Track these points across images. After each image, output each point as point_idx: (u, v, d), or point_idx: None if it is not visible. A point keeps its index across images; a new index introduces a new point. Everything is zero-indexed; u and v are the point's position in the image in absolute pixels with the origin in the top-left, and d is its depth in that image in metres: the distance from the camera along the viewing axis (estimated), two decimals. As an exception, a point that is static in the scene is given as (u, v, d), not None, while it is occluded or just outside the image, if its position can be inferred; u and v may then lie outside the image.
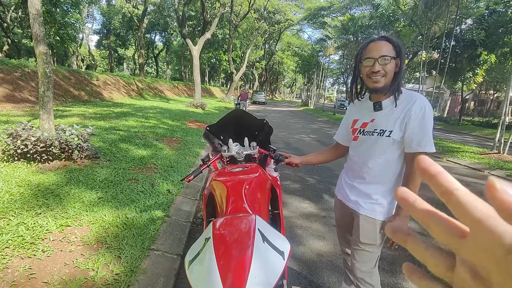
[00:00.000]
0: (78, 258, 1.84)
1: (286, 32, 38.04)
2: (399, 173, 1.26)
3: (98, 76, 13.89)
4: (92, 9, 30.66)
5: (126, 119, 7.07)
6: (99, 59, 41.85)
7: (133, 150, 4.38)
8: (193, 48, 14.35)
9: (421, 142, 1.15)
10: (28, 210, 2.27)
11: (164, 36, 34.13)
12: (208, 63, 37.26)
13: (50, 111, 3.56)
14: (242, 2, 23.04)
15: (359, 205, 1.32)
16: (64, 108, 8.17)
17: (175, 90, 24.63)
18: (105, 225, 2.25)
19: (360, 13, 24.39)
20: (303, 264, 2.26)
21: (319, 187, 4.12)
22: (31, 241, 1.92)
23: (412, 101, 1.18)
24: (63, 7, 16.58)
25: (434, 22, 12.18)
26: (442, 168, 0.21)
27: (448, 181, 0.20)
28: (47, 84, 3.52)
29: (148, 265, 1.89)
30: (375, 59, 1.15)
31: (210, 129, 1.82)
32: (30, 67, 9.52)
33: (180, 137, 5.95)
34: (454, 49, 17.16)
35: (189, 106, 13.63)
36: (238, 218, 1.06)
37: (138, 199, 2.79)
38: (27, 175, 2.91)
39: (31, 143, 3.10)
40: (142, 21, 20.99)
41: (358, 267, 1.36)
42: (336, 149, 1.60)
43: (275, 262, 0.92)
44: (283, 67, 48.76)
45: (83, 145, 3.46)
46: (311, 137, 9.52)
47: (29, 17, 3.46)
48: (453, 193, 0.19)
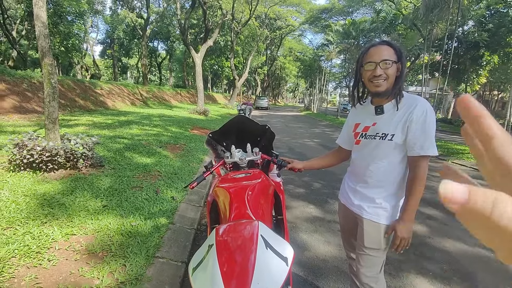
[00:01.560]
0: (84, 267, 1.85)
1: (287, 38, 38.32)
2: (402, 177, 1.26)
3: (102, 85, 14.08)
4: (96, 19, 31.26)
5: (130, 127, 7.13)
6: (103, 69, 42.46)
7: (137, 158, 4.41)
8: (195, 55, 14.50)
9: (424, 146, 1.15)
10: (34, 220, 2.29)
11: (167, 44, 34.59)
12: (210, 69, 37.59)
13: (55, 120, 3.61)
14: (243, 10, 23.31)
15: (362, 209, 1.31)
16: (69, 118, 8.28)
17: (178, 97, 24.84)
18: (110, 233, 2.26)
19: (362, 17, 24.53)
20: (309, 269, 2.24)
21: (324, 192, 4.09)
22: (37, 250, 1.93)
23: (414, 105, 1.18)
24: (67, 18, 16.91)
25: (435, 25, 12.18)
26: (485, 110, 0.20)
27: (489, 127, 0.20)
28: (53, 94, 3.58)
29: (153, 273, 1.89)
30: (376, 63, 1.16)
31: (212, 136, 1.83)
32: (36, 78, 9.68)
33: (184, 144, 5.98)
34: (456, 50, 17.12)
35: (192, 113, 13.72)
36: (241, 225, 1.06)
37: (142, 206, 2.80)
38: (33, 185, 2.94)
39: (37, 153, 3.14)
40: (145, 30, 21.33)
41: (363, 272, 1.34)
42: (339, 153, 1.60)
43: (279, 268, 0.92)
44: (285, 72, 48.98)
45: (88, 153, 3.49)
46: (314, 141, 9.50)
47: (35, 30, 3.54)
48: (491, 142, 0.19)
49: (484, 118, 0.20)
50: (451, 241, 2.83)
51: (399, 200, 1.27)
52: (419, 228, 3.06)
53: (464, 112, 0.21)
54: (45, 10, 3.54)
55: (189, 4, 18.42)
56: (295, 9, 31.91)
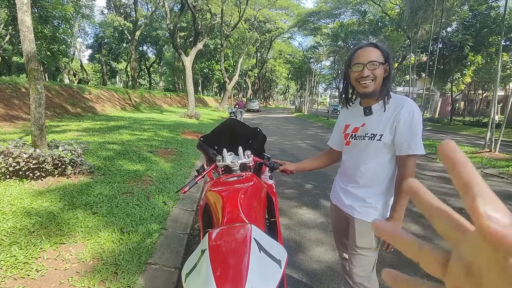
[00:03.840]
0: (74, 276, 1.80)
1: (277, 40, 38.60)
2: (391, 176, 1.28)
3: (90, 90, 13.85)
4: (83, 23, 30.77)
5: (120, 132, 7.03)
6: (92, 73, 41.78)
7: (127, 163, 4.35)
8: (185, 59, 14.44)
9: (411, 145, 1.18)
10: (20, 229, 2.22)
11: (156, 48, 34.34)
12: (201, 73, 37.48)
13: (42, 127, 3.53)
14: (232, 13, 23.38)
15: (353, 210, 1.33)
16: (57, 124, 8.11)
17: (168, 100, 24.65)
18: (100, 240, 2.21)
19: (350, 19, 24.93)
20: (303, 271, 2.24)
21: (316, 193, 4.12)
22: (24, 260, 1.87)
23: (401, 105, 1.21)
24: (53, 23, 16.58)
25: (421, 26, 12.48)
26: (465, 157, 0.19)
27: (469, 175, 0.19)
28: (39, 100, 3.50)
29: (146, 280, 1.86)
30: (364, 65, 1.18)
31: (204, 140, 1.83)
32: (21, 84, 9.46)
33: (175, 148, 5.93)
34: (441, 51, 17.56)
35: (183, 117, 13.63)
36: (233, 228, 1.06)
37: (133, 212, 2.76)
38: (19, 193, 2.86)
39: (23, 160, 3.06)
40: (134, 34, 21.12)
41: (356, 272, 1.36)
42: (330, 154, 1.61)
43: (272, 271, 0.92)
44: (276, 75, 49.27)
45: (76, 160, 3.43)
46: (306, 142, 9.56)
47: (20, 34, 3.46)
48: (471, 190, 0.18)
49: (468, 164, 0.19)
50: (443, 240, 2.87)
51: (389, 199, 1.29)
52: (412, 226, 3.11)
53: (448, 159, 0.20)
54: (30, 14, 3.47)
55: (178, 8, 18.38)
56: (284, 12, 32.22)
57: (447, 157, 0.20)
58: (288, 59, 41.79)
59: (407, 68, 18.73)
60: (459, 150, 0.20)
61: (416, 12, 11.71)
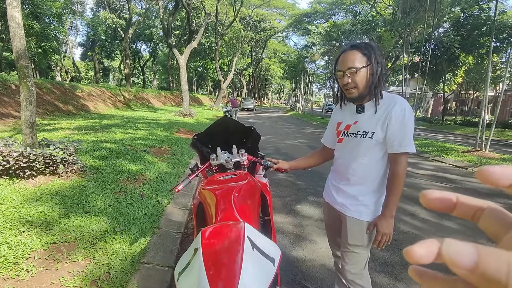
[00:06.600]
0: (65, 276, 1.78)
1: (272, 40, 38.60)
2: (383, 174, 1.29)
3: (83, 88, 13.65)
4: (75, 21, 30.29)
5: (113, 130, 6.95)
6: (84, 71, 41.17)
7: (121, 162, 4.30)
8: (179, 57, 14.33)
9: (402, 143, 1.19)
10: (10, 229, 2.18)
11: (150, 46, 34.00)
12: (195, 71, 37.26)
13: (33, 125, 3.46)
14: (227, 12, 23.29)
15: (345, 207, 1.34)
16: (48, 122, 7.97)
17: (163, 99, 24.44)
18: (92, 240, 2.19)
19: (343, 19, 25.07)
20: (297, 269, 2.26)
21: (309, 191, 4.14)
22: (14, 261, 1.84)
23: (393, 104, 1.22)
24: (44, 19, 16.27)
25: (413, 27, 12.62)
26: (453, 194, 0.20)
27: (475, 201, 0.19)
28: (29, 98, 3.43)
29: (139, 279, 1.85)
30: (344, 72, 1.19)
31: (198, 138, 1.82)
32: (11, 81, 9.27)
33: (169, 147, 5.89)
34: (434, 52, 17.78)
35: (177, 115, 13.53)
36: (226, 227, 1.06)
37: (126, 211, 2.74)
38: (9, 192, 2.81)
39: (13, 159, 3.00)
40: (127, 31, 20.87)
41: (348, 269, 1.37)
42: (323, 152, 1.62)
43: (266, 269, 0.92)
44: (270, 74, 49.26)
45: (68, 159, 3.38)
46: (300, 141, 9.59)
47: (10, 31, 3.39)
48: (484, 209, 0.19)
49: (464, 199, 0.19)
50: (436, 237, 2.92)
51: (380, 197, 1.31)
52: (403, 225, 3.15)
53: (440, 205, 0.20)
54: (20, 10, 3.40)
55: (172, 6, 18.22)
56: (279, 11, 32.23)
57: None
58: (283, 59, 41.84)
59: (400, 68, 18.93)
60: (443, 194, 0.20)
61: (408, 13, 11.83)
